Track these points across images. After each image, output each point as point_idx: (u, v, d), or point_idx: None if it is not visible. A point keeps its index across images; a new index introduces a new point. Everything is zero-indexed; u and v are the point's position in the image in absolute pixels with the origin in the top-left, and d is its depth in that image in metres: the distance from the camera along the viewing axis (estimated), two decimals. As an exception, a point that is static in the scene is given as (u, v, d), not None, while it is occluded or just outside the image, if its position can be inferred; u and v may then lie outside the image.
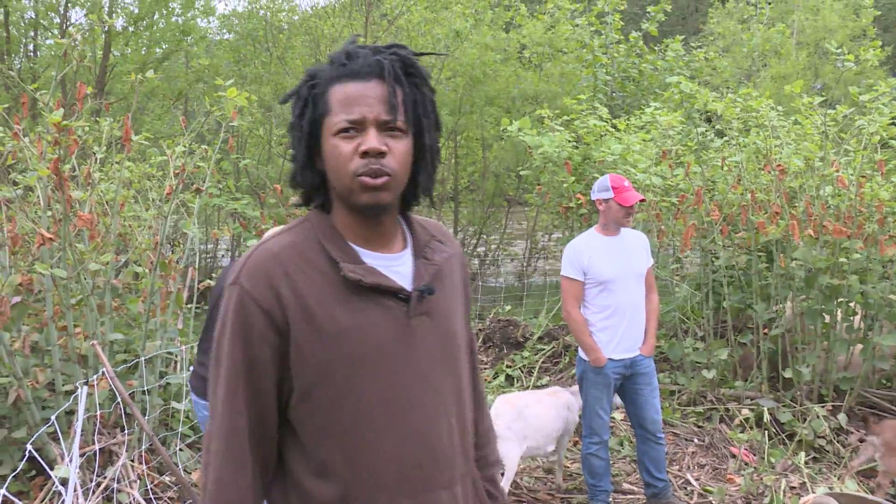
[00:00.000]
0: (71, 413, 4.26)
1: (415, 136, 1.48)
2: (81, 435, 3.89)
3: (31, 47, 11.59)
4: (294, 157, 1.51)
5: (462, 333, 1.63)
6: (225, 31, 13.07)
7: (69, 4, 10.20)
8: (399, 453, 1.46)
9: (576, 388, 4.72)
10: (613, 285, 4.25)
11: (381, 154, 1.40)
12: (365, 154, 1.40)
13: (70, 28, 10.11)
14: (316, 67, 1.49)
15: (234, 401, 1.43)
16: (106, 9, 10.12)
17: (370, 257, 1.49)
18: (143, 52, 11.20)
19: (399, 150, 1.43)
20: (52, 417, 3.56)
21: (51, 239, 4.14)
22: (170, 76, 11.98)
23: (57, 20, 10.51)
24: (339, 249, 1.46)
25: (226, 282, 1.48)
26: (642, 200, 4.30)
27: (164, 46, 11.57)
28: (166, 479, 4.47)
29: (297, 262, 1.44)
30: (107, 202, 5.14)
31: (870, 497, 3.84)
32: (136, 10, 10.56)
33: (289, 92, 1.53)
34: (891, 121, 5.75)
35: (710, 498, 4.68)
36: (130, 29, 10.73)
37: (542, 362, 7.02)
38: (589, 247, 4.31)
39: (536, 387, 6.47)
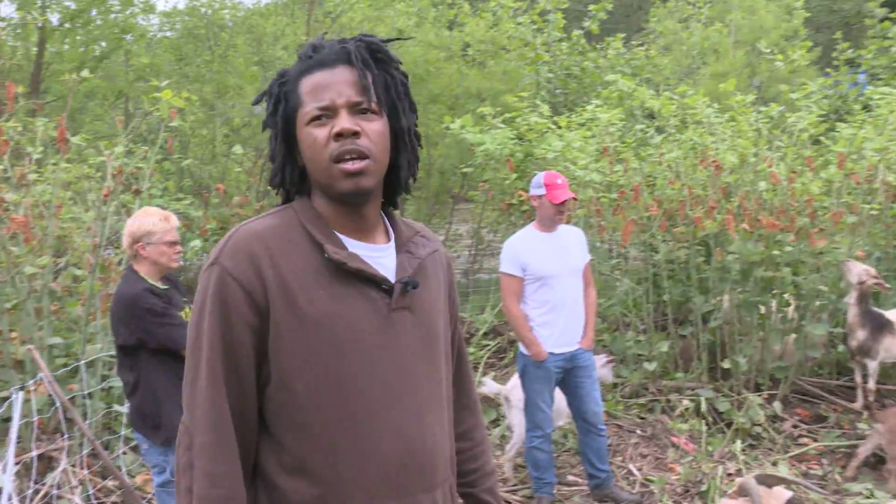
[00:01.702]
0: (7, 420, 4.17)
1: (390, 120, 1.47)
2: (18, 442, 3.81)
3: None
4: (272, 157, 1.50)
5: (445, 335, 1.60)
6: (166, 28, 12.89)
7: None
8: (380, 452, 1.41)
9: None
10: (552, 281, 4.32)
11: (356, 134, 1.39)
12: (339, 136, 1.39)
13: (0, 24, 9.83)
14: (287, 67, 1.51)
15: (218, 385, 1.37)
16: (39, 3, 9.86)
17: (354, 246, 1.47)
18: (80, 51, 10.95)
19: (373, 129, 1.42)
20: (-13, 424, 3.48)
21: (-17, 242, 4.05)
22: (109, 75, 11.73)
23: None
24: (322, 234, 1.44)
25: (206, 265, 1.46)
26: (574, 199, 4.36)
27: (102, 45, 11.33)
28: (109, 483, 4.41)
29: (281, 243, 1.41)
30: (43, 204, 5.03)
31: (789, 477, 4.00)
32: (73, 6, 10.31)
33: (261, 92, 1.53)
34: (819, 118, 5.95)
35: (652, 487, 4.79)
36: (67, 25, 10.47)
37: (488, 358, 7.08)
38: (527, 243, 4.38)
39: (481, 383, 6.52)
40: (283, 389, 1.40)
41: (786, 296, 5.89)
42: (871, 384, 5.69)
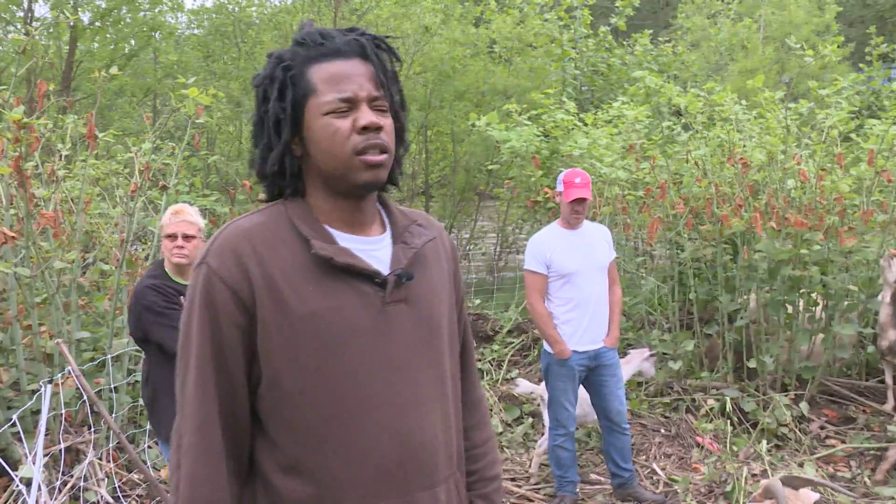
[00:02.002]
0: (37, 413, 4.23)
1: (394, 117, 1.47)
2: (47, 434, 3.87)
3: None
4: (269, 145, 1.44)
5: (448, 324, 1.56)
6: (194, 26, 13.00)
7: (33, -2, 10.09)
8: (375, 450, 1.39)
9: (626, 360, 5.17)
10: (576, 278, 4.30)
11: (379, 129, 1.40)
12: (365, 129, 1.38)
13: (34, 23, 9.98)
14: (282, 50, 1.46)
15: (206, 388, 1.36)
16: (72, 3, 10.00)
17: (346, 240, 1.44)
18: (110, 49, 11.07)
19: (389, 126, 1.43)
20: (14, 417, 3.54)
21: (13, 237, 4.11)
22: (138, 72, 11.87)
23: (20, 14, 10.35)
24: (311, 228, 1.41)
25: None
26: (586, 199, 4.29)
27: (132, 43, 11.46)
28: (135, 476, 4.47)
29: (268, 240, 1.39)
30: (72, 200, 5.10)
31: (816, 479, 3.94)
32: (104, 5, 10.43)
33: (260, 74, 1.47)
34: (850, 114, 5.86)
35: (675, 487, 4.75)
36: (97, 24, 10.60)
37: (512, 355, 7.07)
38: (551, 240, 4.37)
39: (506, 380, 6.53)
40: (275, 388, 1.38)
41: (813, 295, 5.81)
42: (902, 386, 5.60)
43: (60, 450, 3.98)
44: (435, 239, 1.58)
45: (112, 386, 4.57)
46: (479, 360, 6.92)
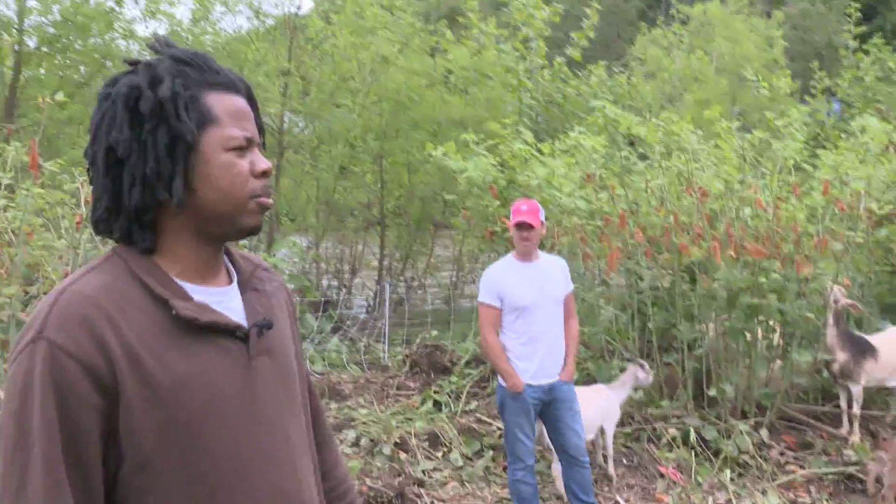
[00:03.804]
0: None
1: None
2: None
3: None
4: (145, 173, 1.23)
5: (299, 372, 1.48)
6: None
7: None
8: None
9: (619, 382, 5.39)
10: (530, 311, 4.23)
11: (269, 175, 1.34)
12: (263, 174, 1.31)
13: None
14: (156, 62, 1.27)
15: (61, 488, 1.11)
16: (15, 27, 9.75)
17: (199, 293, 1.29)
18: (59, 76, 10.82)
19: None
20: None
21: (-50, 270, 3.91)
22: (88, 101, 11.60)
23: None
24: (164, 286, 1.24)
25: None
26: (528, 225, 4.20)
27: (81, 70, 11.21)
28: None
29: (117, 303, 1.18)
30: (13, 231, 4.89)
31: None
32: (52, 31, 10.20)
33: (127, 82, 1.25)
34: (802, 145, 5.96)
35: (640, 520, 4.68)
36: (44, 49, 10.35)
37: (471, 387, 6.96)
38: (505, 272, 4.31)
39: (465, 412, 6.42)
40: (141, 472, 1.18)
41: (771, 322, 5.84)
42: (856, 409, 5.66)
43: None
44: (280, 286, 1.51)
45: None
46: (438, 393, 6.81)
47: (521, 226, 4.21)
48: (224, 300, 1.33)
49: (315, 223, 11.97)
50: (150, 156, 1.23)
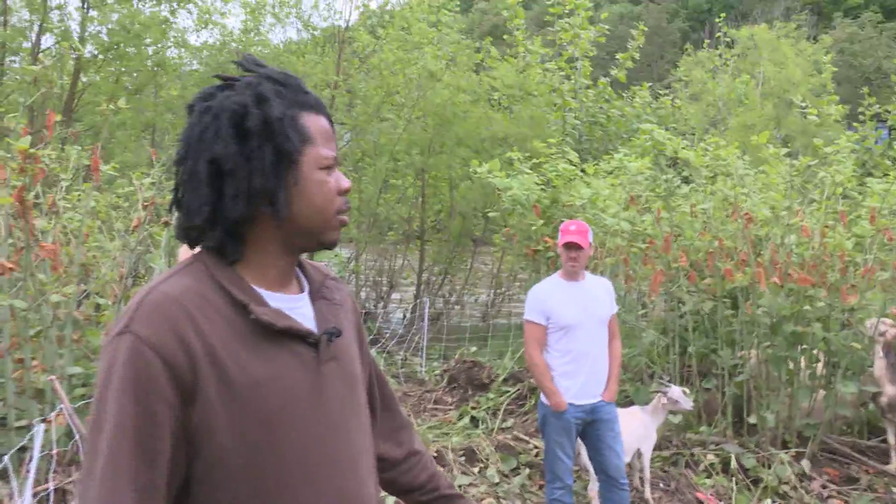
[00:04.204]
0: (24, 450, 4.11)
1: None
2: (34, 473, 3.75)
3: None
4: (262, 186, 1.29)
5: (362, 379, 1.54)
6: (194, 62, 13.04)
7: (42, 30, 10.11)
8: None
9: (652, 405, 5.25)
10: (575, 331, 4.24)
11: None
12: (344, 192, 1.39)
13: (40, 55, 10.00)
14: (255, 81, 1.33)
15: (120, 479, 1.14)
16: (76, 35, 10.04)
17: (275, 299, 1.35)
18: (113, 82, 11.10)
19: None
20: (6, 457, 3.42)
21: (11, 268, 4.03)
22: (138, 107, 11.87)
23: (27, 45, 10.40)
24: (243, 292, 1.30)
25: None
26: (576, 245, 4.22)
27: (134, 76, 11.50)
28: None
29: (200, 306, 1.24)
30: (71, 232, 5.03)
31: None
32: (108, 39, 10.48)
33: (231, 97, 1.31)
34: (851, 172, 5.90)
35: (677, 545, 4.64)
36: (101, 57, 10.64)
37: (507, 404, 6.97)
38: (552, 292, 4.32)
39: (502, 429, 6.43)
40: (216, 469, 1.22)
41: (815, 352, 5.77)
42: (905, 445, 5.56)
43: (49, 491, 3.85)
44: (348, 295, 1.59)
45: (103, 424, 4.44)
46: (475, 409, 6.82)
47: (569, 246, 4.24)
48: (297, 307, 1.39)
49: (357, 235, 12.08)
50: (257, 171, 1.29)
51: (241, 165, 1.29)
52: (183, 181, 1.33)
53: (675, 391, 5.20)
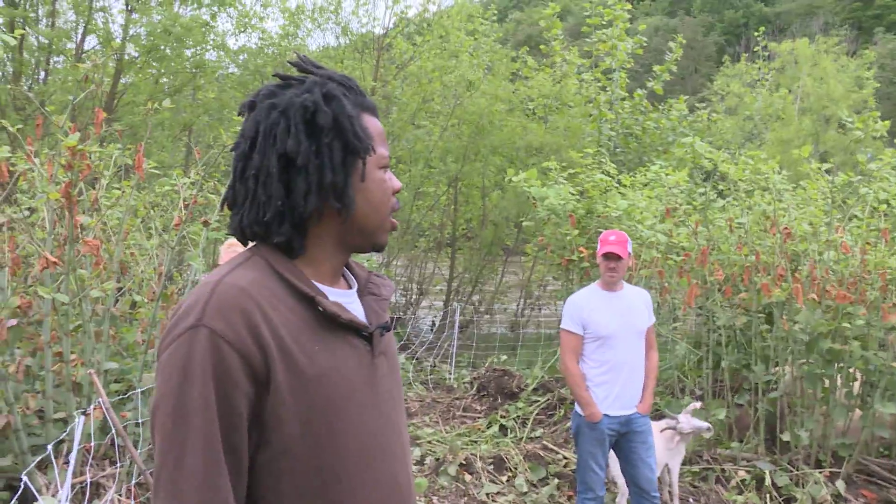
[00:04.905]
0: (59, 442, 4.17)
1: None
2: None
3: (41, 71, 11.67)
4: (322, 180, 1.31)
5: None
6: (232, 65, 13.19)
7: (86, 32, 10.30)
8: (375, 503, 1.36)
9: (678, 420, 4.99)
10: (612, 341, 4.22)
11: None
12: (396, 192, 1.43)
13: (84, 55, 10.19)
14: (322, 81, 1.36)
15: (219, 465, 1.18)
16: (118, 37, 10.21)
17: (332, 294, 1.39)
18: (153, 83, 11.28)
19: None
20: (49, 447, 3.47)
21: (55, 263, 4.10)
22: (176, 107, 12.03)
23: (70, 46, 10.60)
24: (307, 285, 1.33)
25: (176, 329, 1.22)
26: (615, 256, 4.23)
27: (173, 77, 11.66)
28: (153, 514, 4.36)
29: (269, 299, 1.26)
30: (111, 229, 5.11)
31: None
32: (150, 41, 10.64)
33: (303, 93, 1.33)
34: (896, 190, 5.81)
35: (707, 561, 4.59)
36: (141, 58, 10.81)
37: (537, 414, 6.94)
38: (589, 301, 4.31)
39: (530, 438, 6.40)
40: (283, 457, 1.25)
41: (852, 370, 5.68)
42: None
43: (86, 483, 3.90)
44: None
45: (139, 420, 4.50)
46: (504, 417, 6.80)
47: (609, 256, 4.22)
48: (350, 302, 1.44)
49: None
50: (327, 166, 1.32)
51: (312, 161, 1.31)
52: (247, 177, 1.34)
53: (684, 421, 5.02)
